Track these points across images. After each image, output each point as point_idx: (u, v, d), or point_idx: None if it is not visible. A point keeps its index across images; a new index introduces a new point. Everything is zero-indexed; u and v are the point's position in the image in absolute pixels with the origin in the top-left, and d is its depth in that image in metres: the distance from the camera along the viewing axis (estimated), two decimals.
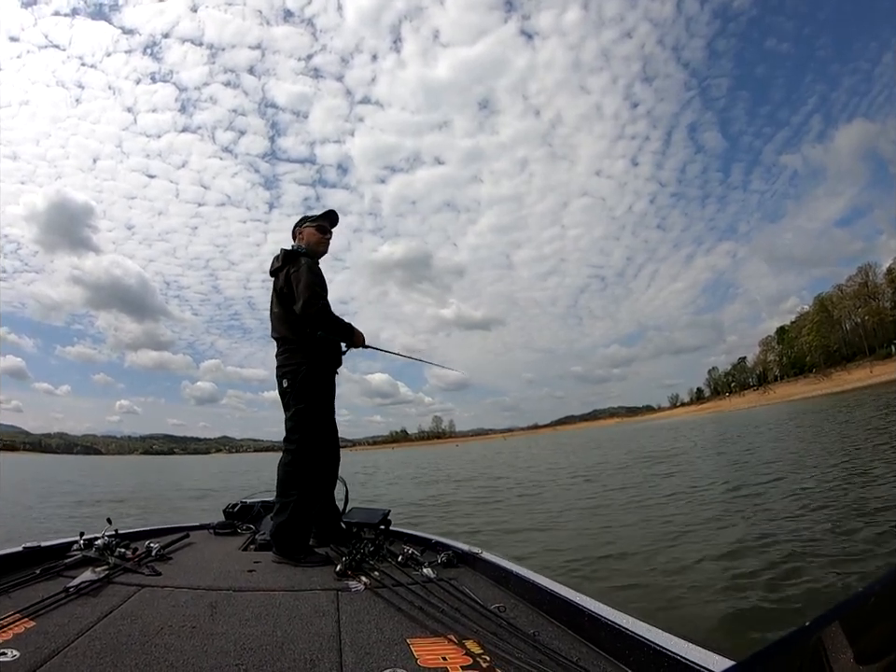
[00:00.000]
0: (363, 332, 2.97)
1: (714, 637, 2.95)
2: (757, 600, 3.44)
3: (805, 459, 10.59)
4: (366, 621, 1.64)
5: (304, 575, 2.23)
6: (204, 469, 42.08)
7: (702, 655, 1.09)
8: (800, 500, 6.51)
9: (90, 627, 1.49)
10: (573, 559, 4.89)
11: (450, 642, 1.45)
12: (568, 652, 1.36)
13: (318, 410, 2.78)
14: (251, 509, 3.64)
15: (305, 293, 2.69)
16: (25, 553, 2.18)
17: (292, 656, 1.36)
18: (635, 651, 1.24)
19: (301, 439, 2.70)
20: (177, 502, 13.01)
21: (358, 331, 2.95)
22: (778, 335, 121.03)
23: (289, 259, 2.82)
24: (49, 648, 1.33)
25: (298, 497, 2.58)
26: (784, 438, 17.74)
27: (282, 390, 2.78)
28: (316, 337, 2.74)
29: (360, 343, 3.00)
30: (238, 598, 1.85)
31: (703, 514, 6.47)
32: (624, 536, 5.79)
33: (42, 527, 8.10)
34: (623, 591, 3.87)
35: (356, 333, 2.94)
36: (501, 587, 2.01)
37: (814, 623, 0.58)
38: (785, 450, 13.39)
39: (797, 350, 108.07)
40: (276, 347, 2.87)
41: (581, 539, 5.79)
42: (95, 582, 1.87)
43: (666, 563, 4.52)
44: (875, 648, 0.57)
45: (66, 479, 24.80)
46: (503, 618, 1.61)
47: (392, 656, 1.37)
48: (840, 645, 0.57)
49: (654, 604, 3.54)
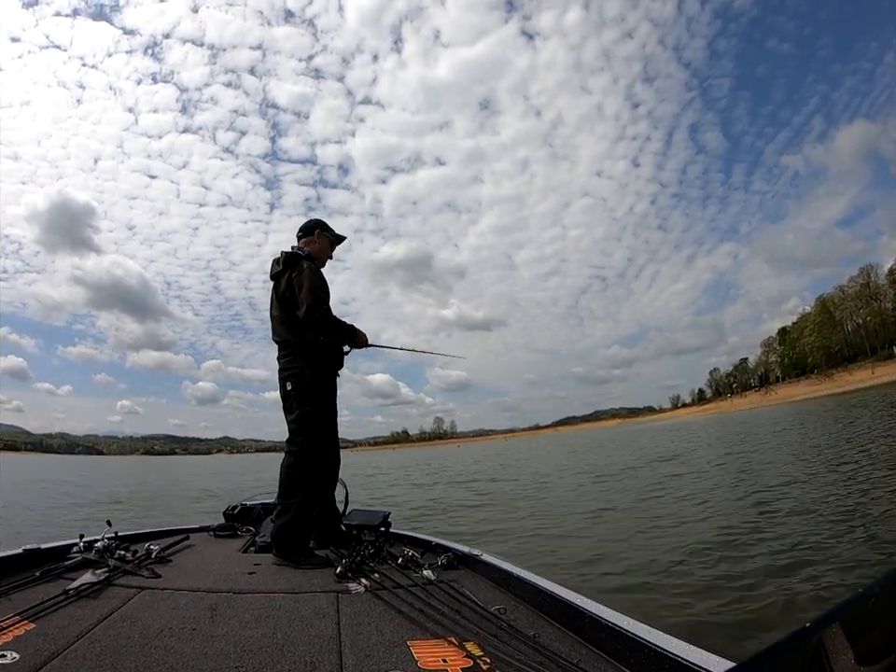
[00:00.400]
0: (366, 332, 2.98)
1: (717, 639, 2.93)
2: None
3: (820, 460, 10.45)
4: (366, 623, 1.64)
5: (304, 577, 2.23)
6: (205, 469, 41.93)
7: (702, 657, 1.09)
8: (824, 504, 6.31)
9: (89, 629, 1.49)
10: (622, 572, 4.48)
11: (450, 644, 1.45)
12: (569, 654, 1.36)
13: (322, 413, 2.78)
14: (251, 511, 3.62)
15: (308, 298, 2.70)
16: (25, 555, 2.17)
17: (292, 658, 1.36)
18: (635, 652, 1.24)
19: (304, 441, 2.70)
20: (175, 503, 13.00)
21: (361, 332, 2.95)
22: (780, 336, 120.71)
23: (291, 263, 2.81)
24: (48, 650, 1.33)
25: (300, 500, 2.58)
26: (800, 439, 17.00)
27: (285, 392, 2.78)
28: (319, 341, 2.74)
29: (363, 343, 3.00)
30: (238, 600, 1.85)
31: (735, 520, 6.07)
32: (663, 546, 5.28)
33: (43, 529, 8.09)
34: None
35: (358, 335, 2.94)
36: (502, 589, 2.01)
37: (814, 623, 0.58)
38: (799, 452, 13.00)
39: (799, 351, 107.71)
40: (278, 350, 2.87)
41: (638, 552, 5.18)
42: (95, 585, 1.87)
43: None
44: (875, 649, 0.56)
45: (68, 479, 24.80)
46: (503, 620, 1.61)
47: (392, 658, 1.37)
48: (840, 646, 0.56)
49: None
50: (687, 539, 5.37)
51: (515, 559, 2.35)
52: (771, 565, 4.22)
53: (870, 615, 0.58)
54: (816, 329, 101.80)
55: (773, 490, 7.76)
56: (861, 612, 0.59)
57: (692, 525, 6.13)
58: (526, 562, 4.10)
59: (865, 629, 0.58)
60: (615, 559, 4.92)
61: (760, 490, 7.91)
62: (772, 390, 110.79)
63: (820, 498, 6.68)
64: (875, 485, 7.06)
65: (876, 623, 0.58)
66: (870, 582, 0.58)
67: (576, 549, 5.47)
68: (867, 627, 0.58)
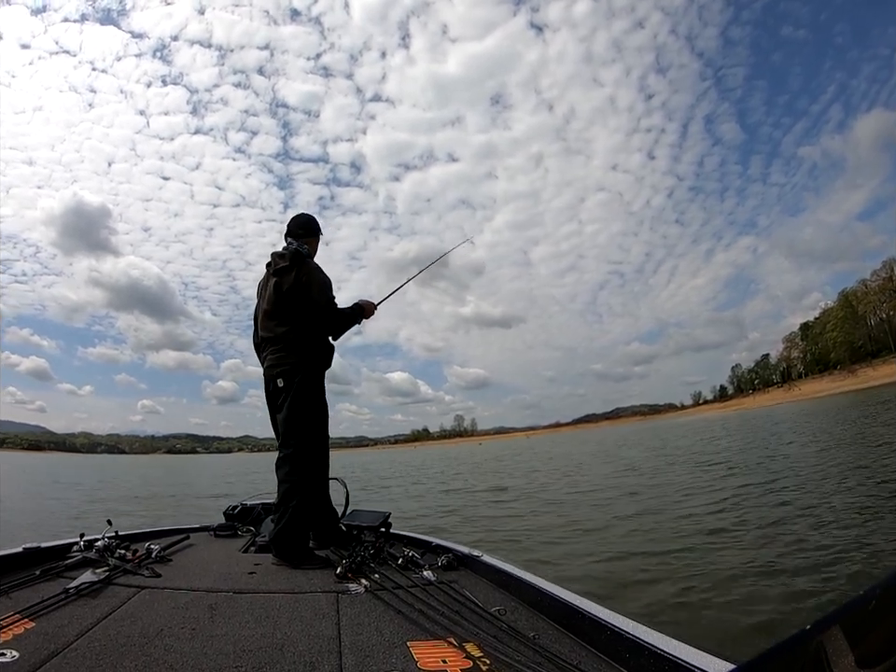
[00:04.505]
0: (369, 300, 3.00)
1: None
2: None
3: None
4: (366, 623, 1.63)
5: (304, 577, 2.22)
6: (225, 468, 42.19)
7: (702, 659, 1.08)
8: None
9: (89, 628, 1.49)
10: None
11: (450, 645, 1.44)
12: (569, 655, 1.34)
13: (316, 412, 2.75)
14: (252, 510, 3.61)
15: (321, 297, 2.74)
16: (25, 554, 2.18)
17: (292, 658, 1.35)
18: (635, 654, 1.22)
19: (299, 443, 2.66)
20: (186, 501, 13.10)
21: (365, 304, 2.97)
22: (802, 331, 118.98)
23: (298, 261, 2.78)
24: (48, 649, 1.33)
25: (297, 502, 2.56)
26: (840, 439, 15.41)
27: (275, 390, 2.73)
28: (313, 337, 2.75)
29: (372, 311, 3.02)
30: (238, 600, 1.84)
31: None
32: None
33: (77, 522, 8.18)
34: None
35: (365, 309, 2.96)
36: (501, 590, 1.99)
37: (815, 626, 0.56)
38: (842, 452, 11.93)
39: (821, 346, 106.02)
40: (264, 347, 2.84)
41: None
42: (95, 584, 1.87)
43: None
44: (875, 651, 0.54)
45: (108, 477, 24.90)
46: (503, 621, 1.59)
47: (392, 659, 1.36)
48: (841, 649, 0.54)
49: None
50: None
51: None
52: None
53: (870, 618, 0.56)
54: (839, 324, 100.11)
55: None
56: (862, 615, 0.57)
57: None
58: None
59: (866, 632, 0.56)
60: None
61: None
62: (795, 386, 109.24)
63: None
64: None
65: (877, 625, 0.56)
66: (870, 585, 0.56)
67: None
68: (868, 630, 0.56)
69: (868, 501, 6.47)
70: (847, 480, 8.19)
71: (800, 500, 7.13)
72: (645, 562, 5.02)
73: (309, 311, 2.73)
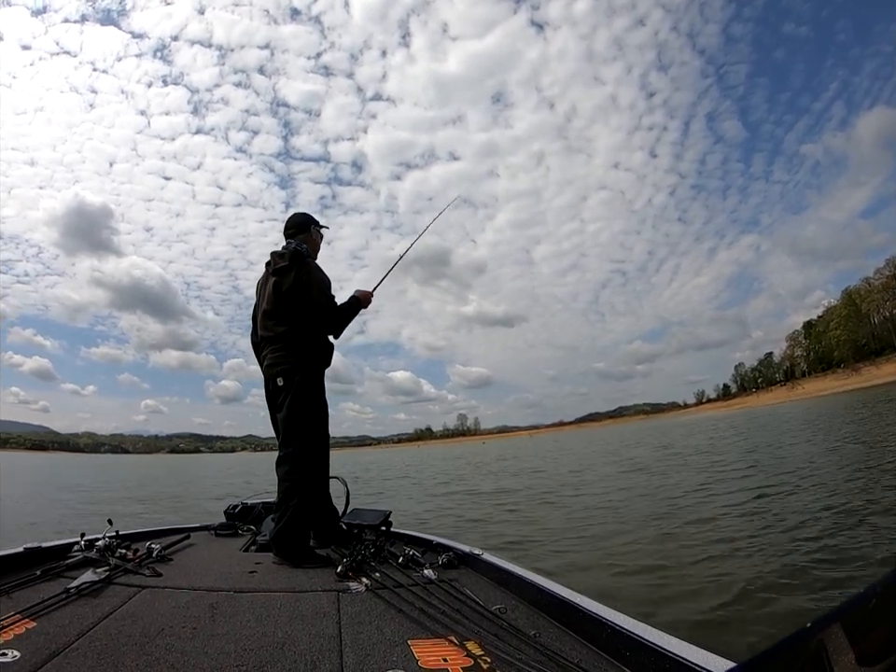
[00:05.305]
0: (364, 290, 3.00)
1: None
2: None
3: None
4: (367, 622, 1.62)
5: (305, 576, 2.22)
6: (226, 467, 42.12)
7: (703, 657, 1.07)
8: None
9: (90, 628, 1.49)
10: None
11: (451, 643, 1.44)
12: (569, 654, 1.34)
13: (316, 411, 2.75)
14: (252, 510, 3.61)
15: (322, 297, 2.75)
16: (26, 554, 2.18)
17: (293, 657, 1.35)
18: (636, 652, 1.22)
19: (300, 442, 2.65)
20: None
21: (361, 296, 2.97)
22: (805, 330, 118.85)
23: (298, 261, 2.77)
24: (49, 648, 1.33)
25: (298, 501, 2.55)
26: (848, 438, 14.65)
27: (275, 389, 2.73)
28: (313, 336, 2.75)
29: (369, 298, 3.03)
30: (239, 599, 1.84)
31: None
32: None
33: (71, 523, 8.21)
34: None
35: (362, 301, 2.97)
36: (502, 588, 1.99)
37: (815, 624, 0.58)
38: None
39: (825, 345, 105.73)
40: (263, 347, 2.84)
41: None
42: (96, 583, 1.87)
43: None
44: (876, 649, 0.55)
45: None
46: (504, 619, 1.59)
47: (393, 657, 1.36)
48: (841, 646, 0.55)
49: None
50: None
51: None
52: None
53: (871, 616, 0.57)
54: (842, 323, 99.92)
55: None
56: (863, 613, 0.58)
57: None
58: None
59: (866, 630, 0.57)
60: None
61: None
62: (799, 385, 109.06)
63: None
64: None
65: (878, 623, 0.57)
66: (871, 583, 0.57)
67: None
68: (868, 628, 0.57)
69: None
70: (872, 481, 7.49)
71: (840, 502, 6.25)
72: (682, 572, 4.44)
73: (309, 311, 2.74)
